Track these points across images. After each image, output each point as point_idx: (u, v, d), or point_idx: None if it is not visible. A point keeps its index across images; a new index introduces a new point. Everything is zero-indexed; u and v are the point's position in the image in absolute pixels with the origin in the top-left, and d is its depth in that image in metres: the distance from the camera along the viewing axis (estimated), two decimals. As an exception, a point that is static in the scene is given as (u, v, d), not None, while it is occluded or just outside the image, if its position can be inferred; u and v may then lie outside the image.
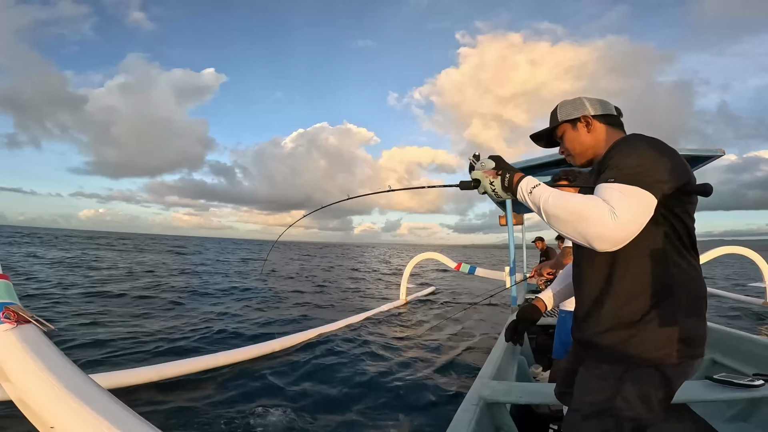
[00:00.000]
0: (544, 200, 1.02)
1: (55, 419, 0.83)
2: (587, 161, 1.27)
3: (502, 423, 1.95)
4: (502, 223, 6.62)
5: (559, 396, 1.48)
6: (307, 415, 3.21)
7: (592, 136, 1.23)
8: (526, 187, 1.08)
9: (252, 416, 3.14)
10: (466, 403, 1.80)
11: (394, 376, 4.18)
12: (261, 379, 3.97)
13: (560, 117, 1.26)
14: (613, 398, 1.02)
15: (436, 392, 3.65)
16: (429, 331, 6.43)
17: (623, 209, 0.93)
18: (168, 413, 3.14)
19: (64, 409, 0.85)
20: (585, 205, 0.96)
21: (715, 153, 4.99)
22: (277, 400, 3.49)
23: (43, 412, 0.85)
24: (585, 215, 0.95)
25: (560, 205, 0.99)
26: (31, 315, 1.29)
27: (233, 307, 8.25)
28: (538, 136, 1.37)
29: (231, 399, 3.49)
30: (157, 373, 3.75)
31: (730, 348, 2.76)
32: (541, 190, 1.05)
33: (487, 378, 2.14)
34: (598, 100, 1.26)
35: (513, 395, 1.91)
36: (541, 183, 1.09)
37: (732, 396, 1.83)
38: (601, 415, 1.03)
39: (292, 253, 40.74)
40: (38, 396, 0.87)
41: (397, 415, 3.17)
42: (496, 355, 2.58)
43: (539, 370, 3.39)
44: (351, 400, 3.53)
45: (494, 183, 1.16)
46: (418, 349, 5.31)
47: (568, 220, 0.98)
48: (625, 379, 1.03)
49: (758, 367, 2.43)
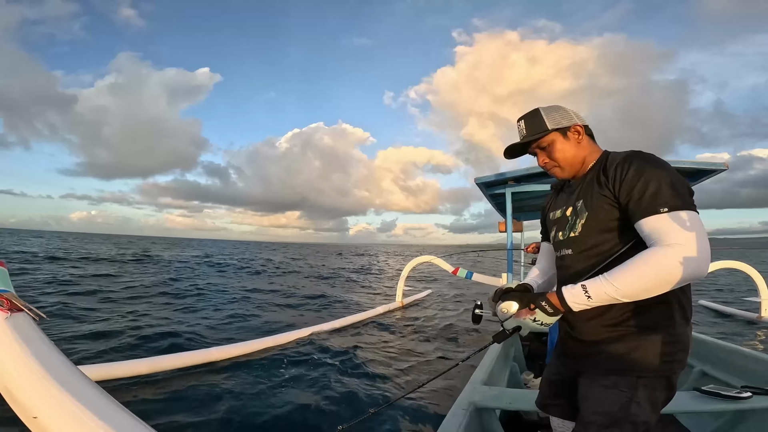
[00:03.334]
0: (614, 292, 0.98)
1: (38, 409, 0.83)
2: (574, 174, 1.24)
3: (491, 428, 1.95)
4: (501, 230, 6.62)
5: (543, 407, 1.44)
6: (293, 413, 3.21)
7: (581, 148, 1.20)
8: (580, 299, 1.03)
9: (240, 411, 3.14)
10: (456, 408, 1.80)
11: (385, 379, 4.17)
12: (252, 375, 3.97)
13: (549, 125, 1.20)
14: (629, 406, 1.04)
15: (426, 396, 3.65)
16: (423, 334, 6.43)
17: (691, 237, 0.92)
18: (156, 406, 3.14)
19: (47, 399, 0.85)
20: (652, 263, 0.94)
21: (719, 167, 4.97)
22: (265, 398, 3.48)
23: (26, 401, 0.85)
24: (664, 270, 0.93)
25: (632, 282, 0.96)
26: (24, 303, 1.28)
27: (232, 305, 8.25)
28: (514, 147, 1.28)
29: (221, 394, 3.48)
30: (148, 366, 3.75)
31: (720, 360, 2.76)
32: (599, 288, 1.00)
33: (478, 383, 2.15)
34: (574, 110, 1.23)
35: (503, 401, 1.92)
36: (583, 283, 1.04)
37: (719, 407, 1.84)
38: (618, 423, 1.04)
39: (290, 254, 40.70)
40: (22, 385, 0.87)
41: (386, 418, 3.16)
42: (488, 361, 2.58)
43: (530, 376, 3.39)
44: (339, 401, 3.53)
45: (537, 318, 1.10)
46: (411, 351, 5.30)
47: (655, 285, 0.95)
48: (638, 387, 1.05)
49: (747, 380, 2.44)
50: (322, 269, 20.67)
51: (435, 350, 5.50)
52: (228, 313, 7.42)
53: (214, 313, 7.43)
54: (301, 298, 10.02)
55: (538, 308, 1.09)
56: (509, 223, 5.94)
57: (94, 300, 7.95)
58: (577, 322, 1.19)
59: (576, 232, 1.17)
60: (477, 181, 5.83)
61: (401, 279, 9.23)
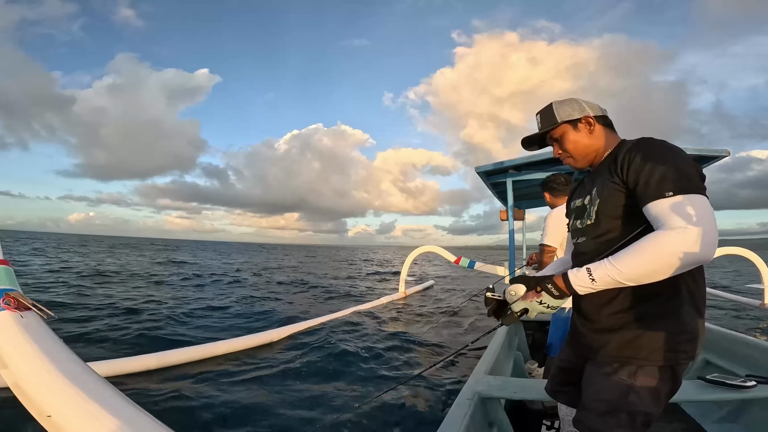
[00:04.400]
0: (617, 275, 0.98)
1: (52, 407, 0.84)
2: (589, 163, 1.26)
3: (496, 418, 1.97)
4: (502, 218, 6.64)
5: (552, 393, 1.48)
6: (300, 404, 3.25)
7: (594, 138, 1.22)
8: (584, 282, 1.03)
9: (249, 404, 3.18)
10: (460, 398, 1.81)
11: (389, 369, 4.21)
12: (261, 368, 4.01)
13: (559, 117, 1.23)
14: (627, 395, 1.05)
15: (431, 386, 3.68)
16: (426, 325, 6.47)
17: (697, 220, 0.91)
18: (166, 401, 3.18)
19: (61, 397, 0.85)
20: (656, 246, 0.94)
21: (721, 153, 4.99)
22: (275, 388, 3.52)
23: (40, 399, 0.86)
24: (667, 252, 0.92)
25: (636, 264, 0.96)
26: (31, 302, 1.29)
27: (239, 300, 8.29)
28: (531, 139, 1.33)
29: (231, 387, 3.52)
30: (157, 361, 3.78)
31: (724, 349, 2.77)
32: (602, 271, 1.00)
33: (482, 373, 2.16)
34: (591, 101, 1.25)
35: (507, 391, 1.93)
36: (588, 266, 1.03)
37: (723, 396, 1.85)
38: (615, 411, 1.06)
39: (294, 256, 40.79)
40: (35, 383, 0.88)
41: (392, 408, 3.20)
42: (492, 351, 2.60)
43: (534, 366, 3.41)
44: (345, 392, 3.57)
45: (543, 301, 1.11)
46: (415, 342, 5.34)
47: (659, 268, 0.95)
48: (638, 376, 1.05)
49: (751, 368, 2.44)
50: (338, 285, 13.22)
51: (439, 337, 5.55)
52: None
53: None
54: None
55: (544, 291, 1.10)
56: (511, 211, 5.96)
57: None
58: (585, 310, 1.21)
59: (591, 219, 1.18)
60: (478, 170, 5.83)
61: (404, 269, 9.28)
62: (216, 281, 12.29)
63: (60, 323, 5.29)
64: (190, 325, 5.93)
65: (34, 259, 17.05)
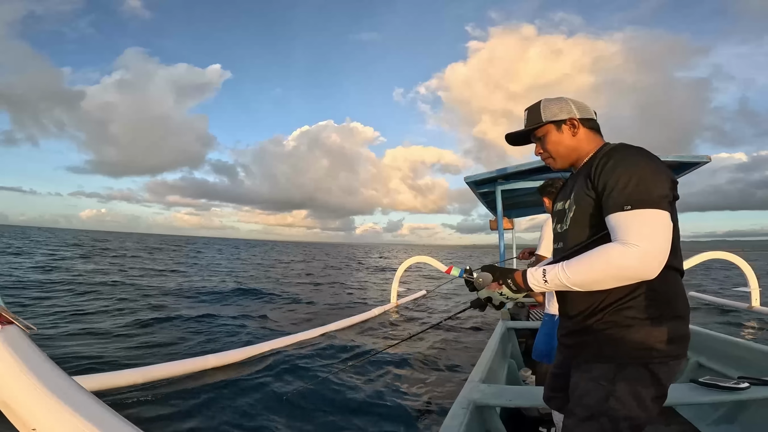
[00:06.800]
0: (565, 279, 1.04)
1: (36, 421, 0.81)
2: (569, 165, 1.27)
3: (492, 426, 1.96)
4: (492, 227, 6.67)
5: (547, 400, 1.47)
6: (293, 419, 3.18)
7: (576, 140, 1.22)
8: (537, 281, 1.10)
9: (239, 419, 3.11)
10: (456, 407, 1.80)
11: (382, 381, 4.16)
12: (250, 382, 3.92)
13: (544, 117, 1.23)
14: (607, 399, 1.04)
15: (426, 396, 3.65)
16: (419, 335, 6.42)
17: (647, 237, 0.95)
18: (153, 415, 3.09)
19: (45, 410, 0.83)
20: (603, 257, 0.99)
21: (702, 159, 5.08)
22: (264, 403, 3.45)
23: (24, 413, 0.83)
24: (612, 265, 0.97)
25: (582, 272, 1.02)
26: (14, 316, 1.25)
27: (233, 308, 8.16)
28: (515, 136, 1.33)
29: (219, 401, 3.44)
30: (142, 376, 3.68)
31: (715, 351, 2.80)
32: (553, 274, 1.06)
33: (477, 381, 2.15)
34: (581, 102, 1.25)
35: (503, 398, 1.92)
36: (545, 267, 1.09)
37: (717, 399, 1.87)
38: (597, 416, 1.05)
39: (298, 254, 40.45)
40: (19, 397, 0.85)
41: (386, 421, 3.15)
42: (486, 359, 2.59)
43: (528, 373, 3.41)
44: (337, 406, 3.50)
45: (503, 293, 1.18)
46: (408, 352, 5.29)
47: (603, 279, 1.01)
48: (617, 380, 1.05)
49: (743, 370, 2.47)
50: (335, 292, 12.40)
51: (429, 344, 5.51)
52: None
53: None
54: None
55: (505, 284, 1.18)
56: (500, 220, 5.98)
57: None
58: (568, 313, 1.21)
59: (567, 225, 1.19)
60: (466, 180, 5.87)
61: (395, 280, 9.22)
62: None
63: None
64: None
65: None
